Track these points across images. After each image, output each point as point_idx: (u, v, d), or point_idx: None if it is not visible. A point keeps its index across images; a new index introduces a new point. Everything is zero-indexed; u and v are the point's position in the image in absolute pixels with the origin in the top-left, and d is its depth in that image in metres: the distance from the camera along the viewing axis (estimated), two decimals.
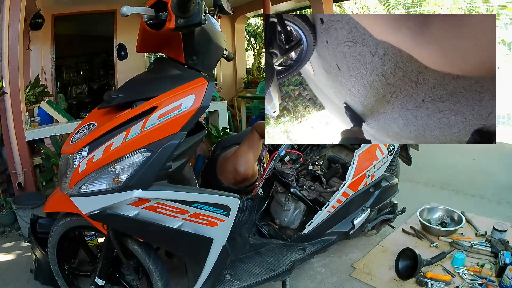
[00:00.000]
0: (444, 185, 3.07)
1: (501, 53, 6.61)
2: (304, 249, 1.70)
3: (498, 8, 7.60)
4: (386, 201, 1.97)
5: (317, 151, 1.98)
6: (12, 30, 2.51)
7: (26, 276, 1.90)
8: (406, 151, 2.26)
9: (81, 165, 1.10)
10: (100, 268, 1.38)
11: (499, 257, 1.81)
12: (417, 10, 10.03)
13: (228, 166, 1.78)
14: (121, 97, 1.16)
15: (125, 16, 1.02)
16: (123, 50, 4.58)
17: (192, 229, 1.22)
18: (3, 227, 2.54)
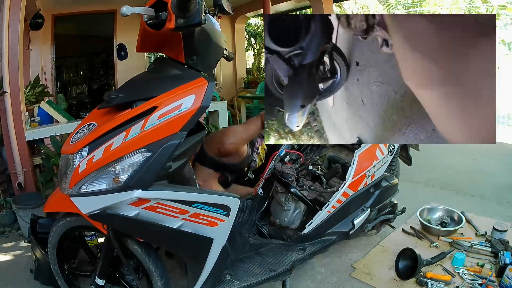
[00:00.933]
0: (444, 185, 3.07)
1: (501, 53, 6.61)
2: (304, 249, 1.70)
3: (498, 8, 7.61)
4: (386, 201, 1.97)
5: (317, 151, 1.99)
6: (12, 30, 2.51)
7: (26, 276, 1.90)
8: (406, 151, 2.26)
9: (81, 165, 1.10)
10: (100, 268, 1.38)
11: (499, 257, 1.81)
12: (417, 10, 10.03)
13: (215, 136, 1.77)
14: (121, 97, 1.16)
15: (125, 16, 1.02)
16: (123, 50, 4.57)
17: (192, 229, 1.22)
18: (3, 227, 2.54)
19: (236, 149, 1.75)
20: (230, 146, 1.71)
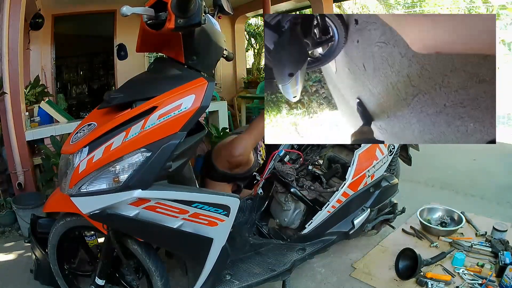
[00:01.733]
0: (444, 185, 3.07)
1: (501, 53, 6.61)
2: (304, 249, 1.70)
3: (498, 8, 7.61)
4: (386, 201, 1.97)
5: (317, 151, 1.98)
6: (12, 30, 2.51)
7: (26, 276, 1.90)
8: (406, 151, 2.26)
9: (81, 165, 1.10)
10: (100, 268, 1.38)
11: (499, 257, 1.81)
12: (417, 10, 10.03)
13: (223, 150, 1.75)
14: (121, 97, 1.16)
15: (125, 16, 1.01)
16: (123, 50, 4.58)
17: (192, 229, 1.22)
18: (3, 227, 2.54)
19: (246, 159, 1.74)
20: (240, 157, 1.69)
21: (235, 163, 1.70)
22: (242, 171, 1.77)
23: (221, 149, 1.77)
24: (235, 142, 1.71)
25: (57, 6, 4.67)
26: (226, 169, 1.73)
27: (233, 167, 1.73)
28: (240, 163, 1.71)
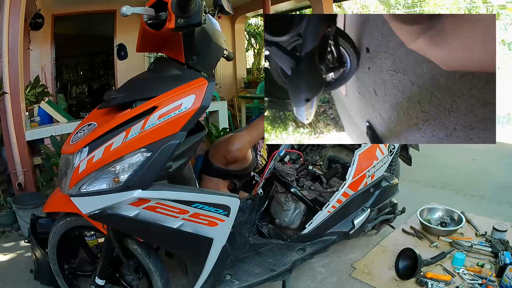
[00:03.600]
0: (444, 185, 3.07)
1: (501, 53, 6.61)
2: (304, 249, 1.70)
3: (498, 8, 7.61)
4: (386, 201, 1.97)
5: (317, 151, 1.98)
6: (12, 30, 2.51)
7: (26, 276, 1.90)
8: (406, 151, 2.26)
9: (81, 165, 1.10)
10: (100, 268, 1.38)
11: (499, 257, 1.81)
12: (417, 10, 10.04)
13: (220, 146, 1.76)
14: (121, 97, 1.16)
15: (125, 16, 1.02)
16: (123, 50, 4.56)
17: (192, 229, 1.22)
18: (3, 227, 2.54)
19: (242, 155, 1.74)
20: (236, 152, 1.70)
21: (231, 159, 1.71)
22: (238, 168, 1.78)
23: (218, 145, 1.78)
24: (233, 137, 1.72)
25: (57, 6, 4.67)
26: (222, 165, 1.74)
27: (229, 163, 1.73)
28: (236, 159, 1.71)
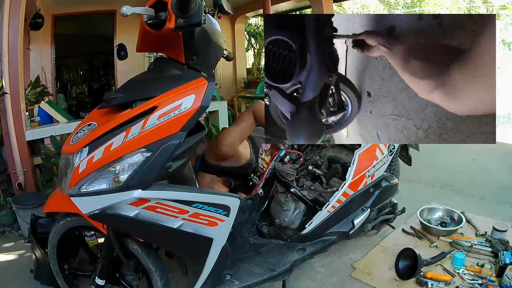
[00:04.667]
0: (444, 185, 3.07)
1: (501, 53, 6.62)
2: (304, 249, 1.70)
3: (498, 8, 7.61)
4: (386, 201, 1.97)
5: (317, 151, 1.98)
6: (12, 30, 2.51)
7: (26, 276, 1.90)
8: (406, 151, 2.26)
9: (81, 165, 1.10)
10: (100, 268, 1.38)
11: (499, 257, 1.81)
12: (417, 10, 10.04)
13: (212, 143, 1.79)
14: (121, 97, 1.16)
15: (125, 16, 1.02)
16: (123, 50, 4.57)
17: (192, 229, 1.22)
18: (3, 227, 2.54)
19: (232, 151, 1.74)
20: (225, 148, 1.71)
21: (220, 154, 1.72)
22: (230, 165, 1.78)
23: (211, 141, 1.80)
24: (222, 133, 1.76)
25: (57, 6, 4.67)
26: (213, 161, 1.75)
27: (220, 159, 1.74)
28: (225, 154, 1.72)
